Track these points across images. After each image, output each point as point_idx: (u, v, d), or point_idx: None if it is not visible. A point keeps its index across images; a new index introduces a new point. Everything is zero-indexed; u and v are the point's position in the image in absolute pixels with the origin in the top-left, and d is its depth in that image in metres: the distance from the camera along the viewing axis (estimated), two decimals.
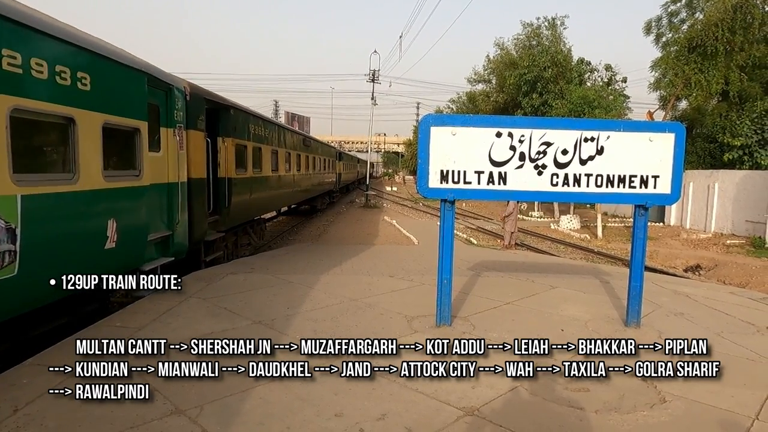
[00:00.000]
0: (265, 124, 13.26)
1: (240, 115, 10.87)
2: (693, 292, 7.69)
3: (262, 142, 12.47)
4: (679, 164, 5.27)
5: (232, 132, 10.09)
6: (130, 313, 5.72)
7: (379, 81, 37.96)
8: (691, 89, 23.64)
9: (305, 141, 19.28)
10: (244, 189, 10.94)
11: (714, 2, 22.53)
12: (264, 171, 12.60)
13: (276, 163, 13.98)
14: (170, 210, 7.02)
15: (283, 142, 15.04)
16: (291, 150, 16.04)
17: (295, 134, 18.02)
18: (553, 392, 3.90)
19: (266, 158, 12.90)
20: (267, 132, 13.08)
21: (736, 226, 19.31)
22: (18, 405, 3.45)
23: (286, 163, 15.25)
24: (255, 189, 11.77)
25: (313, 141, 21.76)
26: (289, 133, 16.61)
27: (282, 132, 15.34)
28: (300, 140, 18.19)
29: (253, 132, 11.64)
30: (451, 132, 5.14)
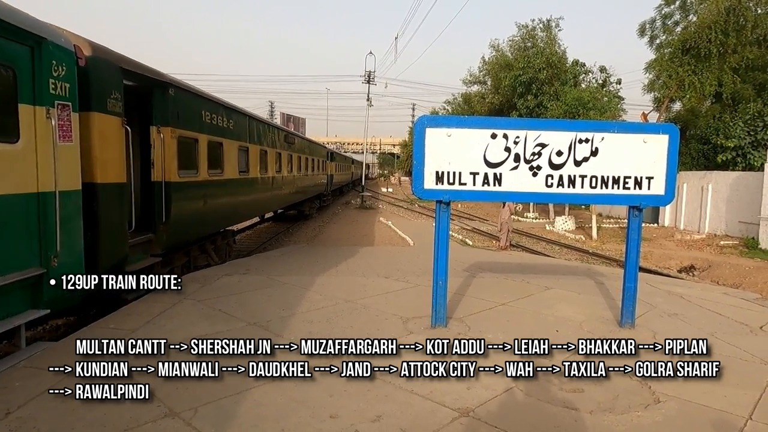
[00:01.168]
0: (230, 113, 10.14)
1: (186, 97, 8.02)
2: (687, 292, 7.73)
3: (224, 136, 9.68)
4: (673, 165, 5.30)
5: (174, 120, 7.48)
6: (123, 315, 5.68)
7: (374, 82, 38.05)
8: (684, 91, 23.77)
9: (288, 138, 16.39)
10: (194, 196, 8.34)
11: (707, 5, 22.67)
12: (227, 173, 9.87)
13: (246, 163, 11.25)
14: (43, 235, 4.62)
15: (258, 138, 12.24)
16: (269, 147, 13.31)
17: (275, 129, 14.78)
18: (548, 393, 3.91)
19: (230, 156, 10.04)
20: (232, 123, 10.18)
21: (729, 227, 19.43)
22: (10, 408, 3.42)
23: (261, 163, 12.47)
24: (212, 196, 9.09)
25: (298, 138, 18.93)
26: (267, 127, 13.59)
27: (256, 125, 12.31)
28: (281, 136, 15.27)
29: (209, 122, 8.92)
30: (447, 133, 5.14)
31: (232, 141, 10.13)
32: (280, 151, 14.77)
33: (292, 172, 16.75)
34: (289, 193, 16.78)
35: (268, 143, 13.34)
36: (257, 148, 12.18)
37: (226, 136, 9.75)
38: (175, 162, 7.54)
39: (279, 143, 14.76)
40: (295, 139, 18.02)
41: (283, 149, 15.40)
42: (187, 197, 8.02)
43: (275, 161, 14.18)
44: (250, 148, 11.53)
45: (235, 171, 10.41)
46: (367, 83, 37.80)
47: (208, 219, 9.15)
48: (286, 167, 15.85)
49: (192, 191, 8.24)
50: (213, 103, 9.38)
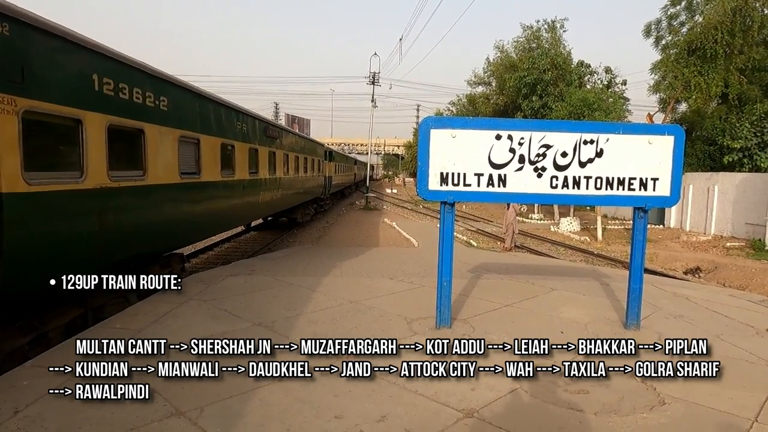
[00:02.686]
0: (161, 85, 6.92)
1: (54, 46, 4.89)
2: (692, 294, 7.70)
3: (148, 119, 6.53)
4: (679, 167, 5.28)
5: (17, 83, 4.38)
6: (129, 315, 5.73)
7: (379, 83, 38.09)
8: (690, 92, 23.67)
9: (269, 130, 13.02)
10: (73, 213, 5.27)
11: (713, 5, 22.58)
12: (156, 175, 6.75)
13: (196, 162, 8.17)
14: None
15: (217, 127, 9.07)
16: (237, 141, 10.16)
17: (248, 118, 11.22)
18: (552, 394, 3.91)
19: (161, 151, 6.89)
20: (164, 102, 6.96)
21: (735, 228, 19.32)
22: (18, 407, 3.46)
23: (223, 161, 9.28)
24: (123, 210, 6.12)
25: (284, 132, 15.34)
26: (234, 114, 10.17)
27: (213, 108, 9.00)
28: (258, 128, 11.94)
29: (109, 93, 5.69)
30: (451, 134, 5.15)
31: (163, 128, 6.92)
32: (256, 147, 11.57)
33: (275, 173, 13.48)
34: (273, 200, 13.48)
35: (237, 135, 10.22)
36: (216, 142, 8.97)
37: (150, 119, 6.58)
38: (14, 158, 4.32)
39: (255, 137, 11.61)
40: (281, 134, 14.58)
41: (263, 145, 12.18)
42: (51, 216, 4.91)
43: (249, 160, 10.97)
44: (203, 141, 8.34)
45: (172, 173, 7.22)
46: (372, 84, 37.84)
47: (114, 244, 5.95)
48: (266, 167, 12.53)
49: (64, 206, 5.09)
50: (119, 64, 5.84)
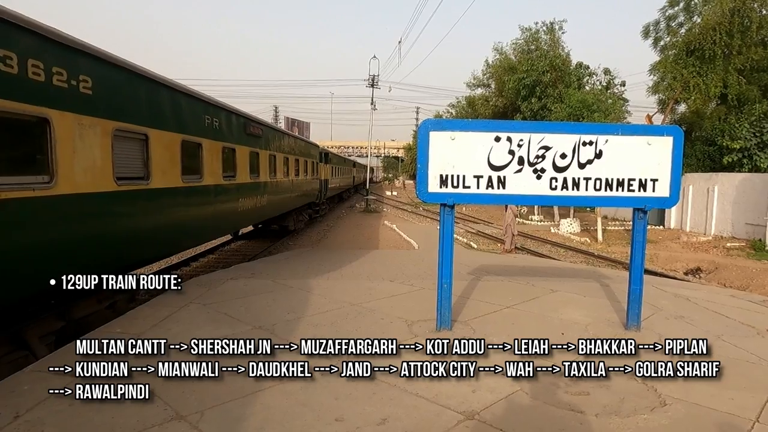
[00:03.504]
0: (76, 59, 5.25)
1: None
2: (693, 295, 7.69)
3: (58, 105, 4.97)
4: (678, 167, 5.29)
5: None
6: (130, 319, 5.73)
7: (378, 86, 38.16)
8: (689, 92, 23.71)
9: (249, 127, 11.14)
10: None
11: (712, 6, 22.62)
12: (69, 181, 5.14)
13: (145, 165, 6.60)
14: None
15: (174, 120, 7.45)
16: (203, 138, 8.43)
17: (221, 112, 9.47)
18: (553, 396, 3.90)
19: (82, 149, 5.30)
20: (85, 82, 5.35)
21: (736, 228, 19.32)
22: (19, 411, 3.46)
23: (183, 164, 7.59)
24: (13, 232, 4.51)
25: (269, 130, 13.33)
26: (197, 105, 8.41)
27: (167, 98, 7.37)
28: (234, 125, 10.18)
29: None
30: (450, 137, 5.16)
31: (85, 118, 5.31)
32: (233, 147, 9.94)
33: (259, 176, 11.74)
34: (257, 207, 11.77)
35: (206, 132, 8.54)
36: (174, 139, 7.35)
37: (62, 104, 4.99)
38: None
39: (232, 134, 9.96)
40: (266, 132, 12.73)
41: (242, 144, 10.52)
42: None
43: (223, 161, 9.34)
44: (153, 138, 6.70)
45: (101, 178, 5.59)
46: (371, 87, 37.91)
47: None
48: (247, 170, 10.81)
49: None
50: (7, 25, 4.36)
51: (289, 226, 17.12)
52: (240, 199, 10.54)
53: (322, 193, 22.86)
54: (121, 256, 6.30)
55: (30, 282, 4.73)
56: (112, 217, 6.01)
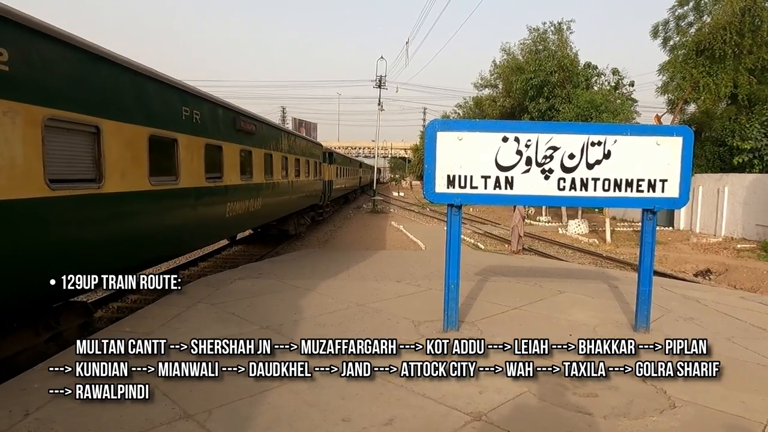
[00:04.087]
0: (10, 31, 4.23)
1: None
2: (703, 296, 7.62)
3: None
4: (688, 168, 5.24)
5: None
6: (138, 319, 5.77)
7: (385, 87, 38.15)
8: (699, 92, 23.53)
9: (239, 123, 9.84)
10: None
11: (722, 5, 22.44)
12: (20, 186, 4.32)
13: (95, 165, 5.43)
14: None
15: (138, 111, 6.24)
16: (178, 134, 7.16)
17: (204, 103, 8.25)
18: (561, 397, 3.88)
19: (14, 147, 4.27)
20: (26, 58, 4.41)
21: (746, 230, 19.12)
22: (29, 409, 3.49)
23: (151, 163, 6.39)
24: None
25: (264, 127, 11.95)
26: (170, 94, 7.19)
27: (130, 84, 6.18)
28: (221, 119, 9.02)
29: None
30: (458, 137, 5.15)
31: (9, 104, 4.22)
32: (219, 144, 8.75)
33: (252, 177, 10.59)
34: (249, 212, 10.54)
35: (182, 126, 7.29)
36: (138, 133, 6.10)
37: None
38: None
39: (217, 130, 8.75)
40: (260, 129, 11.41)
41: (231, 141, 9.33)
42: None
43: (206, 160, 8.07)
44: (108, 131, 5.50)
45: (29, 180, 4.44)
46: (378, 88, 37.94)
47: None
48: (237, 170, 9.65)
49: None
50: None
51: (290, 230, 15.93)
52: (228, 203, 9.26)
53: (325, 195, 21.67)
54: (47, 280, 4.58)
55: None
56: (52, 226, 4.78)
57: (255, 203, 10.89)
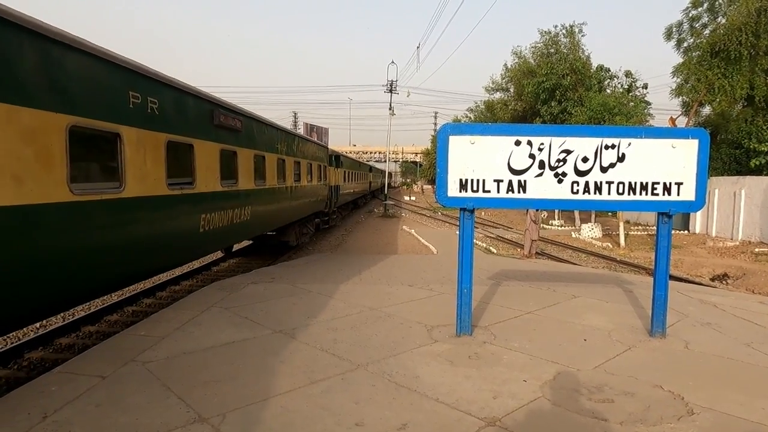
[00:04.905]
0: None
1: None
2: (720, 301, 7.50)
3: None
4: (704, 170, 5.18)
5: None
6: (153, 322, 5.82)
7: (397, 91, 38.17)
8: (714, 94, 23.20)
9: (218, 117, 8.18)
10: None
11: (737, 6, 22.14)
12: None
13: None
14: None
15: (56, 95, 4.66)
16: (124, 126, 5.67)
17: (167, 91, 6.73)
18: (576, 403, 3.84)
19: None
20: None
21: (764, 233, 18.79)
22: (47, 412, 3.54)
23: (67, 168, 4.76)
24: None
25: (255, 124, 10.30)
26: (115, 76, 5.61)
27: (37, 52, 4.43)
28: (192, 112, 7.47)
29: None
30: (470, 141, 5.14)
31: None
32: (189, 142, 7.18)
33: (237, 183, 9.01)
34: (235, 224, 8.94)
35: (131, 118, 5.83)
36: (53, 124, 4.63)
37: None
38: None
39: (186, 125, 7.14)
40: (248, 125, 9.72)
41: (205, 138, 7.70)
42: None
43: (170, 162, 6.59)
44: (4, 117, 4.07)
45: None
46: (390, 92, 38.00)
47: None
48: (216, 174, 8.05)
49: None
50: None
51: (290, 241, 14.44)
52: (203, 214, 7.58)
53: (332, 201, 20.14)
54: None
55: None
56: None
57: (242, 213, 9.33)
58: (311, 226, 17.31)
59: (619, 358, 4.82)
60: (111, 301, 8.63)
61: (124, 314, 8.35)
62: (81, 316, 7.73)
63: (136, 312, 8.44)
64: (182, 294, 9.33)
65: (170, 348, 4.89)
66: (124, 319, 8.02)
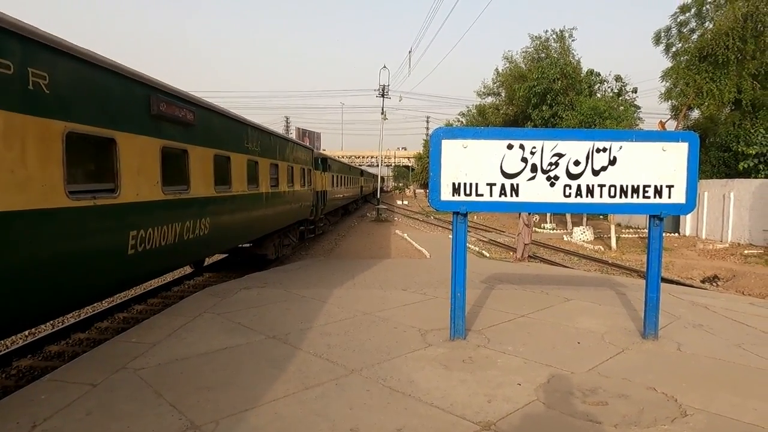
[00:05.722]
0: None
1: None
2: (711, 303, 7.56)
3: None
4: (694, 173, 5.23)
5: None
6: (145, 329, 5.76)
7: (389, 96, 38.32)
8: (703, 98, 23.50)
9: (158, 105, 6.45)
10: None
11: (724, 12, 22.48)
12: None
13: None
14: None
15: None
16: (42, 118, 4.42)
17: (68, 62, 4.82)
18: (570, 406, 3.84)
19: None
20: None
21: (753, 235, 19.00)
22: (36, 421, 3.48)
23: None
24: None
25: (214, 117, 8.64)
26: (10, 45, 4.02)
27: None
28: (118, 95, 5.73)
29: None
30: (462, 145, 5.15)
31: None
32: (109, 135, 5.51)
33: (188, 189, 7.27)
34: (181, 242, 7.04)
35: (34, 105, 4.37)
36: None
37: None
38: None
39: (105, 113, 5.48)
40: (204, 118, 7.97)
41: (135, 131, 6.00)
42: None
43: (72, 164, 4.93)
44: None
45: None
46: (382, 97, 38.10)
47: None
48: (151, 178, 6.28)
49: None
50: None
51: (268, 254, 12.52)
52: (132, 231, 5.79)
53: (318, 208, 18.35)
54: None
55: None
56: None
57: (197, 226, 7.53)
58: (294, 236, 15.60)
59: (612, 360, 4.84)
60: (102, 307, 8.53)
61: (115, 321, 8.26)
62: (71, 323, 7.64)
63: (127, 319, 8.35)
64: (174, 300, 9.25)
65: (162, 354, 4.84)
66: (115, 326, 7.94)
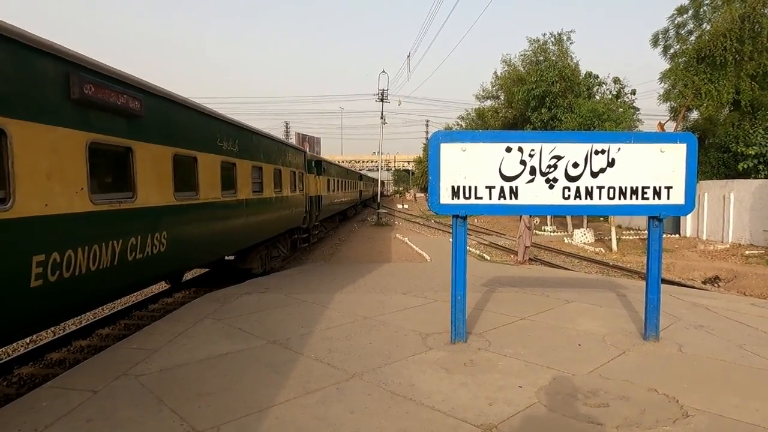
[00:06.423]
0: None
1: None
2: (712, 304, 7.55)
3: None
4: (693, 174, 5.24)
5: None
6: (146, 335, 5.77)
7: (388, 100, 38.34)
8: (701, 99, 23.53)
9: (84, 87, 4.76)
10: None
11: (721, 13, 22.54)
12: None
13: None
14: None
15: None
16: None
17: None
18: (572, 408, 3.84)
19: None
20: None
21: (754, 236, 18.98)
22: (38, 428, 3.48)
23: None
24: None
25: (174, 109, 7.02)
26: None
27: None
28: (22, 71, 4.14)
29: None
30: (461, 148, 5.17)
31: None
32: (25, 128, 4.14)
33: (133, 197, 5.81)
34: (122, 264, 5.46)
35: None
36: None
37: None
38: None
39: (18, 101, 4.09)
40: (154, 109, 6.38)
41: (44, 121, 4.38)
42: None
43: None
44: None
45: None
46: (381, 101, 38.16)
47: None
48: (69, 186, 4.67)
49: None
50: None
51: (253, 268, 11.23)
52: (36, 255, 4.25)
53: (311, 215, 16.83)
54: None
55: None
56: None
57: (149, 242, 6.10)
58: (285, 246, 14.10)
59: (613, 362, 4.84)
60: (103, 314, 8.53)
61: (116, 327, 8.26)
62: (72, 330, 7.64)
63: (128, 325, 8.34)
64: (174, 306, 9.25)
65: (163, 361, 4.84)
66: (116, 333, 7.93)
